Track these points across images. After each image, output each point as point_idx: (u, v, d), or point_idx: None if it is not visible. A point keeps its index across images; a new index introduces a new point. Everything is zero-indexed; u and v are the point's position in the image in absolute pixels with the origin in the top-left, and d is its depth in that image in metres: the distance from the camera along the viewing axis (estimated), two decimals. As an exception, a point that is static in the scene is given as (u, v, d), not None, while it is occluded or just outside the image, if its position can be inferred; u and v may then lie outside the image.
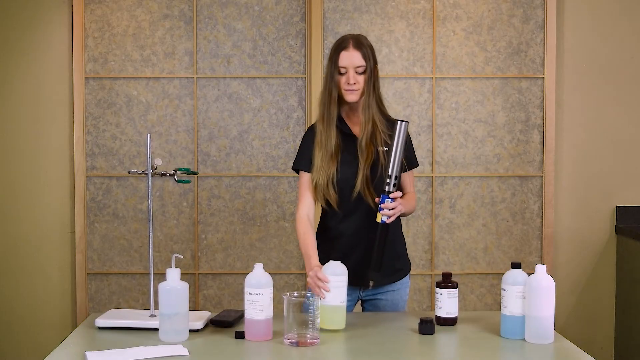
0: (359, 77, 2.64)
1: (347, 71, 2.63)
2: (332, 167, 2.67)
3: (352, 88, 2.64)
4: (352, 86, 2.63)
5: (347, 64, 2.63)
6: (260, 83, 4.03)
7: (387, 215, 2.54)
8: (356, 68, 2.63)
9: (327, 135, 2.68)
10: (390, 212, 2.54)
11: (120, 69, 4.02)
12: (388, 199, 2.54)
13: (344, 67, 2.63)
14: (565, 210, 4.10)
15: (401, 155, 2.55)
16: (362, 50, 2.64)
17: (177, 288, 2.32)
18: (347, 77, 2.63)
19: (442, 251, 4.08)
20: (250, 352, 2.25)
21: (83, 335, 2.41)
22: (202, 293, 4.07)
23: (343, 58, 2.63)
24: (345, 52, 2.64)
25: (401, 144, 2.55)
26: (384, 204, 2.54)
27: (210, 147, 4.04)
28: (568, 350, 2.25)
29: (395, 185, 2.55)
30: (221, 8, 4.02)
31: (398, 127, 2.55)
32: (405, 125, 2.56)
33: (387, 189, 2.55)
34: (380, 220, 2.55)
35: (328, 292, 2.41)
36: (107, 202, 4.05)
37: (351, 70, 2.63)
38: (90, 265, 4.06)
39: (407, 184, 2.80)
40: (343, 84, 2.64)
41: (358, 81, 2.64)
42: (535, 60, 4.03)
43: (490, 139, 4.06)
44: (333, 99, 2.67)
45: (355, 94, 2.65)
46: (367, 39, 2.71)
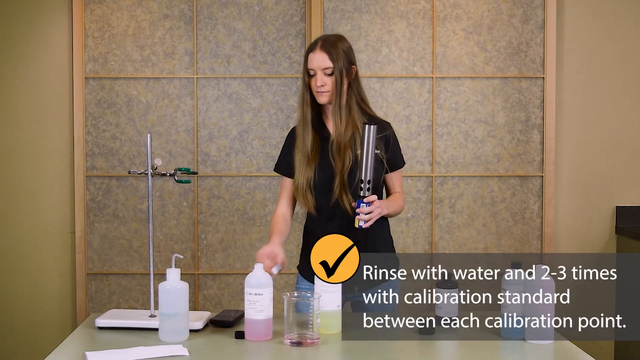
0: (327, 78, 2.63)
1: (316, 73, 2.63)
2: (309, 170, 2.67)
3: (321, 90, 2.64)
4: (321, 88, 2.63)
5: (314, 66, 2.64)
6: (260, 83, 4.03)
7: (364, 220, 2.55)
8: (324, 70, 2.63)
9: (303, 137, 2.69)
10: (366, 217, 2.55)
11: (120, 69, 4.02)
12: (363, 204, 2.54)
13: (312, 69, 2.64)
14: (565, 210, 4.10)
15: (372, 159, 2.54)
16: (330, 52, 2.63)
17: (177, 288, 2.32)
18: (316, 79, 2.64)
19: (442, 251, 4.08)
20: (250, 352, 2.25)
21: (83, 335, 2.41)
22: (202, 293, 4.07)
23: (311, 60, 2.64)
24: (312, 54, 2.65)
25: (370, 148, 2.53)
26: (359, 209, 2.55)
27: (210, 147, 4.04)
28: (568, 350, 2.25)
29: (369, 189, 2.55)
30: (221, 8, 4.02)
31: (365, 132, 2.54)
32: (372, 129, 2.53)
33: (362, 193, 2.55)
34: (357, 225, 2.56)
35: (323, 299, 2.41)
36: (107, 202, 4.05)
37: (319, 72, 2.63)
38: (90, 266, 4.06)
39: (394, 184, 2.79)
40: (313, 86, 2.65)
41: (326, 83, 2.63)
42: (535, 60, 4.03)
43: (490, 139, 4.06)
44: (306, 101, 2.68)
45: (324, 96, 2.65)
46: (344, 39, 2.70)
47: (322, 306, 2.40)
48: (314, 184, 2.67)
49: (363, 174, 2.55)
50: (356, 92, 2.70)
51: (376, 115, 2.76)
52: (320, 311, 2.38)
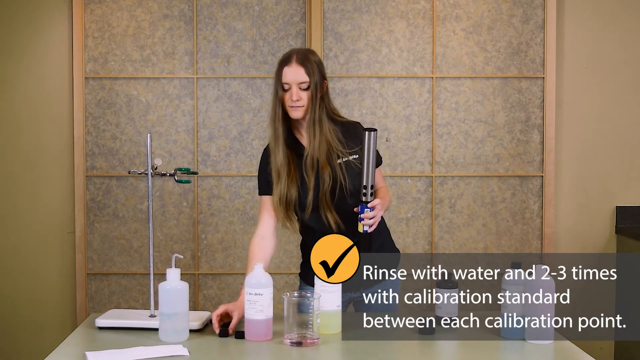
0: (303, 93, 2.57)
1: (291, 87, 2.57)
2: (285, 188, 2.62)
3: (295, 105, 2.57)
4: (296, 102, 2.57)
5: (290, 80, 2.57)
6: (260, 83, 4.03)
7: (369, 225, 2.55)
8: (299, 84, 2.57)
9: (274, 153, 2.63)
10: (370, 221, 2.54)
11: (120, 69, 4.02)
12: (367, 209, 2.54)
13: (287, 83, 2.57)
14: (565, 210, 4.10)
15: (373, 164, 2.52)
16: (306, 66, 2.58)
17: (177, 288, 2.32)
18: (291, 93, 2.57)
19: (442, 251, 4.08)
20: (250, 352, 2.25)
21: (83, 335, 2.41)
22: (202, 293, 4.07)
23: (286, 74, 2.57)
24: (287, 68, 2.58)
25: (371, 154, 2.51)
26: (363, 214, 2.54)
27: (210, 147, 4.04)
28: (568, 350, 2.25)
29: (372, 194, 2.54)
30: (221, 8, 4.02)
31: (367, 138, 2.50)
32: (374, 135, 2.50)
33: (365, 199, 2.54)
34: (362, 230, 2.56)
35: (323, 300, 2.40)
36: (107, 202, 4.05)
37: (294, 87, 2.57)
38: (90, 265, 4.06)
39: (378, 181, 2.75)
40: (287, 100, 2.58)
41: (301, 97, 2.57)
42: (535, 60, 4.04)
43: (490, 139, 4.06)
44: (278, 116, 2.61)
45: (299, 111, 2.59)
46: (315, 53, 2.65)
47: (322, 306, 2.40)
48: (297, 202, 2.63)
49: (365, 180, 2.53)
50: (327, 106, 2.65)
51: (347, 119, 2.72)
52: (320, 311, 2.38)
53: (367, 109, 4.02)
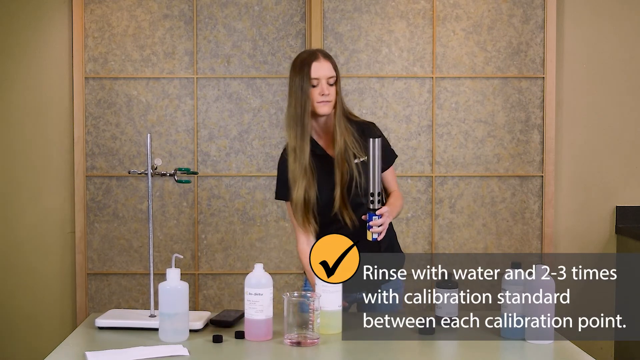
0: (331, 88, 2.59)
1: (320, 82, 2.57)
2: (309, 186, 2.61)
3: (325, 99, 2.58)
4: (326, 97, 2.57)
5: (319, 75, 2.57)
6: (260, 83, 4.03)
7: (377, 232, 2.54)
8: (328, 79, 2.58)
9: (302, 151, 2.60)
10: (379, 229, 2.53)
11: (120, 69, 4.02)
12: (375, 216, 2.52)
13: (317, 79, 2.57)
14: (565, 210, 4.10)
15: (379, 172, 2.50)
16: (332, 61, 2.61)
17: (177, 288, 2.32)
18: (321, 88, 2.57)
19: (442, 251, 4.08)
20: (250, 352, 2.25)
21: (83, 335, 2.41)
22: (202, 293, 4.07)
23: (315, 69, 2.57)
24: (316, 63, 2.58)
25: (377, 161, 2.49)
26: (372, 222, 2.52)
27: (210, 147, 4.04)
28: (568, 350, 2.25)
29: (380, 201, 2.53)
30: (221, 8, 4.02)
31: (372, 145, 2.48)
32: (379, 142, 2.48)
33: (372, 207, 2.51)
34: (371, 238, 2.55)
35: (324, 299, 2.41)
36: (107, 202, 4.05)
37: (324, 81, 2.57)
38: (90, 266, 4.06)
39: (389, 182, 2.75)
40: (316, 96, 2.58)
41: (330, 92, 2.58)
42: (535, 60, 4.04)
43: (490, 139, 4.06)
44: (307, 112, 2.58)
45: (328, 106, 2.59)
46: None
47: (323, 306, 2.40)
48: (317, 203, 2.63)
49: (372, 187, 2.50)
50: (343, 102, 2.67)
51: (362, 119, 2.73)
52: (320, 311, 2.38)
53: (367, 109, 4.02)
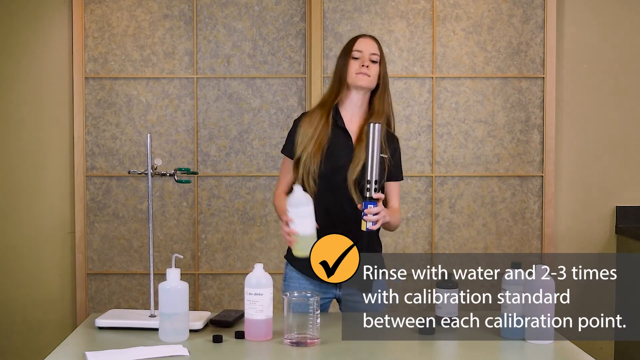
0: (373, 65, 2.65)
1: (362, 55, 2.64)
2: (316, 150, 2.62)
3: (365, 72, 2.61)
4: (366, 69, 2.61)
5: (363, 48, 2.65)
6: (260, 83, 4.04)
7: (372, 221, 2.47)
8: (371, 55, 2.65)
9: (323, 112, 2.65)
10: (374, 217, 2.47)
11: (120, 69, 4.02)
12: (370, 205, 2.47)
13: (359, 51, 2.65)
14: (565, 210, 4.10)
15: (377, 159, 2.48)
16: (378, 44, 2.70)
17: (177, 288, 2.32)
18: (362, 59, 2.63)
19: (442, 251, 4.08)
20: (250, 352, 2.25)
21: (83, 335, 2.41)
22: (202, 293, 4.07)
23: (360, 43, 2.66)
24: (362, 39, 2.68)
25: (376, 148, 2.47)
26: (367, 209, 2.47)
27: (210, 147, 4.04)
28: (568, 350, 2.25)
29: (377, 190, 2.48)
30: (221, 8, 4.02)
31: (371, 130, 2.47)
32: (377, 127, 2.47)
33: (368, 194, 2.47)
34: (365, 228, 2.48)
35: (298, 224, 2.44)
36: (107, 202, 4.05)
37: (366, 54, 2.64)
38: (90, 265, 4.06)
39: (392, 196, 2.73)
40: (357, 67, 2.63)
41: (372, 66, 2.64)
42: (535, 60, 4.04)
43: (490, 139, 4.06)
44: (343, 83, 2.65)
45: (366, 80, 2.63)
46: None
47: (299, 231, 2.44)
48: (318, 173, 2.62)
49: (369, 175, 2.48)
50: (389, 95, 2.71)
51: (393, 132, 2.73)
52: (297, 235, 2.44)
53: (367, 109, 4.02)
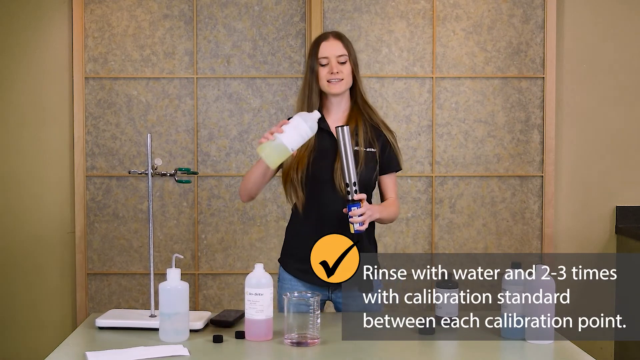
0: (342, 67, 2.59)
1: (330, 61, 2.58)
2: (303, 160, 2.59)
3: (336, 77, 2.57)
4: (336, 75, 2.57)
5: (328, 54, 2.58)
6: (260, 83, 4.04)
7: (358, 222, 2.47)
8: (338, 57, 2.58)
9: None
10: (360, 218, 2.46)
11: (120, 69, 4.02)
12: (354, 207, 2.46)
13: (326, 58, 2.58)
14: (565, 210, 4.10)
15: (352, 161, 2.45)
16: (343, 40, 2.61)
17: (177, 288, 2.32)
18: (330, 66, 2.57)
19: (442, 251, 4.08)
20: (250, 352, 2.25)
21: (83, 335, 2.41)
22: (202, 293, 4.07)
23: (324, 48, 2.59)
24: (325, 42, 2.60)
25: (348, 150, 2.45)
26: (351, 212, 2.46)
27: (210, 147, 4.04)
28: (568, 350, 2.25)
29: (357, 192, 2.47)
30: (221, 8, 4.02)
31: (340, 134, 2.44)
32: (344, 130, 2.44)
33: (350, 197, 2.47)
34: (353, 231, 2.48)
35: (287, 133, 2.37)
36: (107, 202, 4.05)
37: (333, 60, 2.58)
38: (90, 265, 4.06)
39: (387, 188, 2.71)
40: (326, 75, 2.58)
41: (341, 70, 2.58)
42: (535, 60, 4.04)
43: (490, 139, 4.06)
44: (314, 90, 2.60)
45: (339, 85, 2.58)
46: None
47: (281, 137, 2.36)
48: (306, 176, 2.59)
49: (347, 177, 2.46)
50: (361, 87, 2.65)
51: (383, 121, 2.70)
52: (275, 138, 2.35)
53: (367, 109, 4.02)
